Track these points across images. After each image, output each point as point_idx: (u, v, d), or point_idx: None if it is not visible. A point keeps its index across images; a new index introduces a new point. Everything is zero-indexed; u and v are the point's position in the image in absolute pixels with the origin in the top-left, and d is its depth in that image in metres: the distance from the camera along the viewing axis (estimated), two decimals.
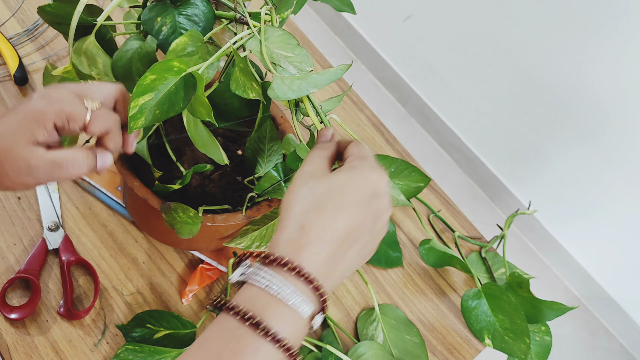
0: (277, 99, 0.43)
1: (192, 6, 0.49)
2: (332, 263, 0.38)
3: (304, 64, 0.45)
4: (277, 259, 0.37)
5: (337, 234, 0.38)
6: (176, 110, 0.42)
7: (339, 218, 0.38)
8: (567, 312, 0.73)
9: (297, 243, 0.37)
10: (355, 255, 0.40)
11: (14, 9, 0.82)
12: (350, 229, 0.39)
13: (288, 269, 0.36)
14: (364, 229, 0.40)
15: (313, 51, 0.95)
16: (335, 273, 0.38)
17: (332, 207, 0.38)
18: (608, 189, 1.63)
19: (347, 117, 0.90)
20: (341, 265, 0.39)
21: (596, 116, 1.55)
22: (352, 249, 0.39)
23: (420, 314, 0.76)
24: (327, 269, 0.38)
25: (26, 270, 0.62)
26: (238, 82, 0.45)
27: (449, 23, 1.75)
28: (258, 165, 0.62)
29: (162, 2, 0.49)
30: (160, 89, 0.41)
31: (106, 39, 0.51)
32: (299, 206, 0.39)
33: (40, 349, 0.60)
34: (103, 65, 0.50)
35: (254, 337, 0.34)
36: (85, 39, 0.49)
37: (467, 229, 0.86)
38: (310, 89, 0.43)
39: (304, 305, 0.36)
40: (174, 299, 0.67)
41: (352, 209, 0.39)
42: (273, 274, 0.36)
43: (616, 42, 1.41)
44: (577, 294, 1.88)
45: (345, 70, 0.43)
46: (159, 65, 0.42)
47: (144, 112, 0.41)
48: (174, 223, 0.55)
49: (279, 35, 0.47)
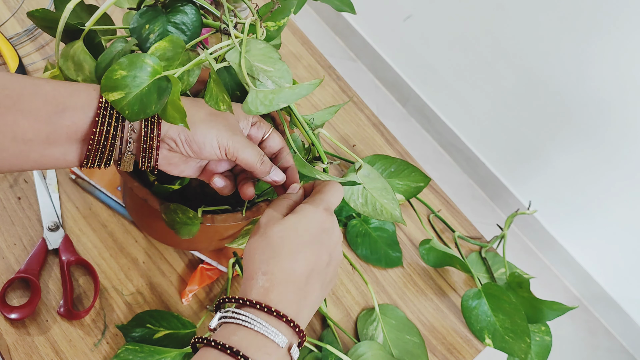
0: (250, 113, 0.43)
1: (182, 13, 0.49)
2: (300, 300, 0.42)
3: (283, 79, 0.45)
4: (249, 301, 0.41)
5: (298, 274, 0.42)
6: (147, 113, 0.41)
7: (296, 260, 0.42)
8: (567, 312, 0.73)
9: (264, 288, 0.41)
10: (320, 288, 0.44)
11: (14, 9, 0.82)
12: (308, 268, 0.43)
13: (260, 309, 0.40)
14: (321, 263, 0.44)
15: (313, 51, 0.95)
16: (305, 308, 0.42)
17: (288, 251, 0.43)
18: (608, 189, 1.63)
19: (347, 117, 0.90)
20: (309, 300, 0.43)
21: (596, 116, 1.55)
22: (316, 284, 0.43)
23: (420, 314, 0.76)
24: (297, 306, 0.42)
25: (26, 270, 0.62)
26: (212, 94, 0.45)
27: (449, 23, 1.75)
28: None
29: (153, 8, 0.49)
30: (131, 89, 0.40)
31: (94, 43, 0.51)
32: (257, 256, 0.43)
33: (40, 349, 0.60)
34: (90, 71, 0.49)
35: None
36: (73, 43, 0.49)
37: (467, 229, 0.86)
38: (281, 104, 0.43)
39: (278, 337, 0.39)
40: (174, 299, 0.67)
41: (306, 250, 0.43)
42: (248, 314, 0.40)
43: (616, 42, 1.41)
44: (577, 294, 1.88)
45: (316, 85, 0.43)
46: (129, 60, 0.40)
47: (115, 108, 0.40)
48: (174, 223, 0.55)
49: (262, 48, 0.46)
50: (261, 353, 0.39)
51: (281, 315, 0.40)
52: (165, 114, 0.42)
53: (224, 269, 0.68)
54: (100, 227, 0.69)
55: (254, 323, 0.39)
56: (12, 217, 0.66)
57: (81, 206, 0.69)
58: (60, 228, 0.66)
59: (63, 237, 0.66)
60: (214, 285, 0.69)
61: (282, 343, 0.40)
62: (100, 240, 0.68)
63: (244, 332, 0.39)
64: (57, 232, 0.66)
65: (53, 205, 0.68)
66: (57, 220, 0.67)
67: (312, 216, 0.45)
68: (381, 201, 0.55)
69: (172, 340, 0.62)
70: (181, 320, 0.63)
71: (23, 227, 0.66)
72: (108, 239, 0.68)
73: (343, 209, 0.78)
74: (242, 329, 0.40)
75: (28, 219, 0.67)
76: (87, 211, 0.69)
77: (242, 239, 0.59)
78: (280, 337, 0.40)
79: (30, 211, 0.67)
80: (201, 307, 0.67)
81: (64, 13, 0.47)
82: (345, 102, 0.79)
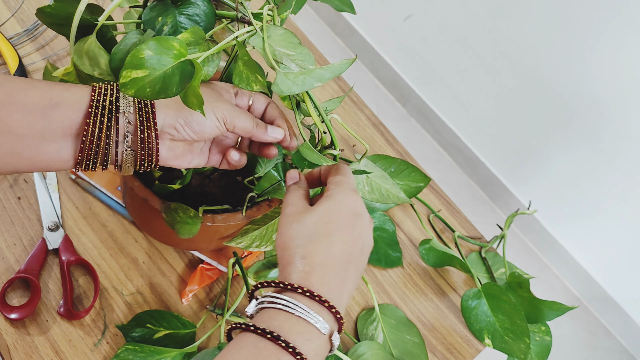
0: (282, 94, 0.43)
1: (193, 6, 0.49)
2: (339, 284, 0.41)
3: (306, 62, 0.45)
4: (290, 285, 0.39)
5: (336, 258, 0.42)
6: (168, 94, 0.41)
7: (333, 243, 0.42)
8: (567, 312, 0.73)
9: (304, 272, 0.40)
10: (355, 274, 0.43)
11: (14, 9, 0.82)
12: (345, 252, 0.42)
13: (301, 293, 0.39)
14: (356, 248, 0.44)
15: (313, 51, 0.95)
16: (344, 293, 0.42)
17: (324, 235, 0.42)
18: (608, 189, 1.63)
19: (347, 117, 0.90)
20: (347, 285, 0.42)
21: (596, 116, 1.55)
22: (352, 269, 0.43)
23: (420, 314, 0.76)
24: (337, 291, 0.41)
25: (26, 270, 0.62)
26: (241, 76, 0.45)
27: (449, 23, 1.75)
28: (258, 165, 0.62)
29: (162, 2, 0.49)
30: (156, 68, 0.40)
31: (107, 38, 0.51)
32: (294, 242, 0.42)
33: (40, 349, 0.60)
34: (105, 64, 0.49)
35: (278, 353, 0.36)
36: (86, 39, 0.49)
37: (467, 229, 0.86)
38: (315, 83, 0.43)
39: (320, 323, 0.38)
40: (174, 299, 0.67)
41: (341, 233, 0.43)
42: (288, 298, 0.39)
43: (617, 42, 1.41)
44: (577, 294, 1.88)
45: (349, 64, 0.43)
46: (158, 41, 0.40)
47: (135, 86, 0.40)
48: (174, 223, 0.55)
49: (281, 34, 0.47)
50: (302, 339, 0.37)
51: (323, 300, 0.39)
52: (185, 99, 0.43)
53: (224, 269, 0.68)
54: (100, 227, 0.69)
55: (295, 308, 0.38)
56: (12, 217, 0.66)
57: (81, 206, 0.69)
58: (60, 228, 0.66)
59: (63, 237, 0.66)
60: (214, 285, 0.69)
61: (324, 329, 0.38)
62: (100, 240, 0.68)
63: (285, 317, 0.38)
64: (57, 232, 0.66)
65: (53, 205, 0.68)
66: (57, 220, 0.67)
67: (343, 200, 0.45)
68: (385, 187, 0.55)
69: (172, 340, 0.62)
70: (181, 320, 0.63)
71: (23, 227, 0.66)
72: (108, 239, 0.68)
73: None
74: (282, 314, 0.38)
75: (28, 219, 0.67)
76: (87, 211, 0.69)
77: (241, 238, 0.59)
78: (322, 323, 0.38)
79: (30, 211, 0.67)
80: (201, 307, 0.67)
81: (79, 7, 0.47)
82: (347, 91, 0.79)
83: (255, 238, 0.59)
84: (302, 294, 0.39)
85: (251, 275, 0.69)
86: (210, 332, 0.64)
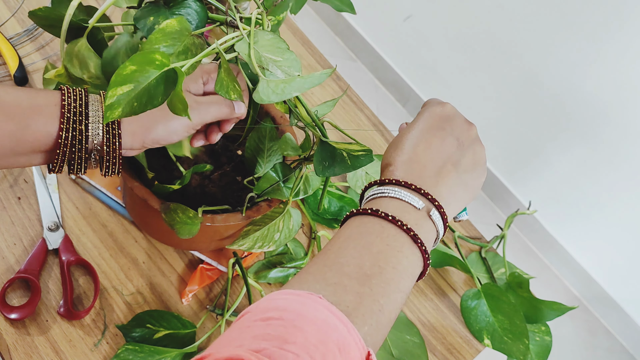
0: (261, 102, 0.44)
1: (185, 6, 0.49)
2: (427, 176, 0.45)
3: (293, 68, 0.45)
4: (380, 180, 0.46)
5: (420, 155, 0.46)
6: (154, 104, 0.42)
7: (417, 145, 0.46)
8: (567, 312, 0.73)
9: (389, 171, 0.46)
10: (455, 172, 0.46)
11: (14, 9, 0.82)
12: (432, 150, 0.46)
13: (388, 182, 0.45)
14: (447, 146, 0.47)
15: (313, 51, 0.95)
16: (440, 186, 0.45)
17: (408, 141, 0.47)
18: (608, 189, 1.63)
19: (347, 117, 0.90)
20: (442, 179, 0.45)
21: (596, 116, 1.55)
22: (447, 166, 0.46)
23: (420, 314, 0.76)
24: (423, 180, 0.45)
25: (26, 270, 0.62)
26: (222, 83, 0.45)
27: (449, 23, 1.75)
28: (258, 165, 0.62)
29: (155, 3, 0.49)
30: (140, 81, 0.41)
31: (97, 40, 0.51)
32: (386, 155, 0.48)
33: (40, 349, 0.60)
34: (94, 67, 0.49)
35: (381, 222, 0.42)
36: (77, 41, 0.49)
37: (467, 229, 0.86)
38: (293, 93, 0.44)
39: (412, 199, 0.43)
40: (174, 299, 0.67)
41: (425, 135, 0.47)
42: (381, 187, 0.45)
43: (616, 43, 1.41)
44: (577, 294, 1.88)
45: (328, 74, 0.44)
46: (140, 57, 0.41)
47: (122, 103, 0.40)
48: (174, 223, 0.55)
49: (269, 39, 0.47)
50: (400, 212, 0.42)
51: (409, 184, 0.43)
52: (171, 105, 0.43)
53: (224, 269, 0.68)
54: (100, 227, 0.69)
55: (388, 192, 0.44)
56: (12, 217, 0.67)
57: (81, 206, 0.69)
58: (60, 228, 0.66)
59: (63, 237, 0.66)
60: (214, 285, 0.69)
61: (419, 205, 0.43)
62: (100, 240, 0.68)
63: (383, 200, 0.44)
64: (57, 232, 0.66)
65: (53, 205, 0.68)
66: (57, 220, 0.67)
67: (430, 109, 0.49)
68: None
69: (172, 340, 0.62)
70: (181, 320, 0.63)
71: (23, 227, 0.66)
72: (108, 239, 0.68)
73: (344, 208, 0.78)
74: (380, 199, 0.44)
75: (28, 219, 0.67)
76: (87, 211, 0.69)
77: (243, 239, 0.59)
78: (416, 200, 0.43)
79: (30, 211, 0.67)
80: (201, 307, 0.67)
81: (69, 10, 0.47)
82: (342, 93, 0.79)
83: (257, 239, 0.59)
84: (389, 183, 0.44)
85: (251, 275, 0.69)
86: (210, 332, 0.64)
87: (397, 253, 0.40)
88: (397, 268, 0.40)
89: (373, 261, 0.39)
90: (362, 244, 0.40)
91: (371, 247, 0.40)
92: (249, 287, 0.65)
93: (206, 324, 0.66)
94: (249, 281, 0.66)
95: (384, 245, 0.40)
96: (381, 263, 0.39)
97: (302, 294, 0.36)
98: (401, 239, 0.41)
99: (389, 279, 0.39)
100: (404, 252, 0.40)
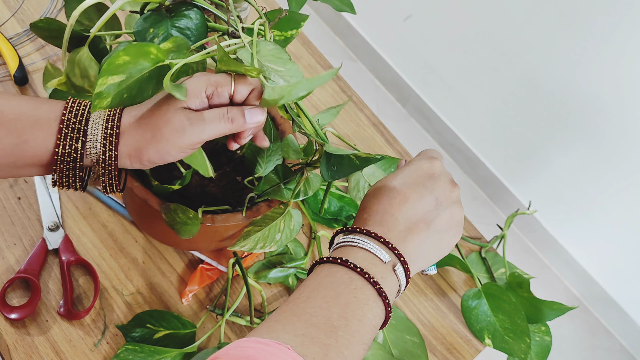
0: (268, 106, 0.44)
1: (186, 18, 0.49)
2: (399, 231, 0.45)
3: (294, 78, 0.45)
4: (352, 228, 0.46)
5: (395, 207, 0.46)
6: (144, 97, 0.42)
7: (394, 197, 0.46)
8: (567, 312, 0.73)
9: (362, 219, 0.47)
10: (426, 230, 0.46)
11: (14, 9, 0.82)
12: (409, 206, 0.46)
13: (359, 231, 0.45)
14: (424, 203, 0.46)
15: (313, 51, 0.95)
16: (408, 243, 0.45)
17: (387, 192, 0.47)
18: (608, 189, 1.63)
19: (347, 117, 0.90)
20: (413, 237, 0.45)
21: (596, 116, 1.55)
22: (420, 224, 0.46)
23: (420, 314, 0.76)
24: (394, 234, 0.45)
25: (26, 270, 0.62)
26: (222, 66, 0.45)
27: (449, 23, 1.75)
28: (258, 166, 0.62)
29: (157, 12, 0.49)
30: (132, 74, 0.40)
31: (99, 48, 0.51)
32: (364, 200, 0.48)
33: (40, 349, 0.60)
34: (95, 77, 0.49)
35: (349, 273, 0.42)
36: (78, 50, 0.49)
37: (467, 229, 0.86)
38: (300, 93, 0.43)
39: (380, 252, 0.43)
40: (174, 299, 0.67)
41: (405, 190, 0.46)
42: (351, 236, 0.45)
43: (616, 43, 1.41)
44: (577, 294, 1.88)
45: (334, 73, 0.44)
46: (135, 48, 0.40)
47: (111, 94, 0.40)
48: (174, 223, 0.55)
49: (271, 49, 0.47)
50: (367, 263, 0.43)
51: (378, 237, 0.44)
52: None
53: (224, 269, 0.68)
54: (100, 227, 0.69)
55: (357, 241, 0.44)
56: (12, 217, 0.66)
57: (81, 206, 0.69)
58: (60, 228, 0.66)
59: (63, 237, 0.66)
60: (214, 285, 0.69)
61: (385, 258, 0.43)
62: (100, 240, 0.68)
63: (352, 250, 0.44)
64: (57, 232, 0.66)
65: (53, 205, 0.68)
66: (57, 220, 0.67)
67: (418, 164, 0.48)
68: None
69: (172, 340, 0.62)
70: (181, 320, 0.63)
71: (23, 227, 0.66)
72: (108, 239, 0.68)
73: (343, 208, 0.78)
74: (350, 248, 0.44)
75: (28, 219, 0.67)
76: (87, 211, 0.69)
77: (244, 240, 0.59)
78: (382, 253, 0.43)
79: (30, 211, 0.67)
80: (201, 307, 0.67)
81: (70, 21, 0.47)
82: (345, 102, 0.79)
83: (258, 240, 0.59)
84: (360, 232, 0.45)
85: (251, 275, 0.69)
86: (210, 332, 0.64)
87: (363, 305, 0.41)
88: (362, 321, 0.40)
89: (340, 312, 0.40)
90: (330, 295, 0.41)
91: (339, 297, 0.41)
92: (249, 287, 0.65)
93: (206, 324, 0.66)
94: (249, 281, 0.66)
95: (352, 297, 0.41)
96: (348, 315, 0.40)
97: (271, 343, 0.36)
98: (367, 292, 0.42)
99: (354, 330, 0.40)
100: (369, 305, 0.41)
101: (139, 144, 0.44)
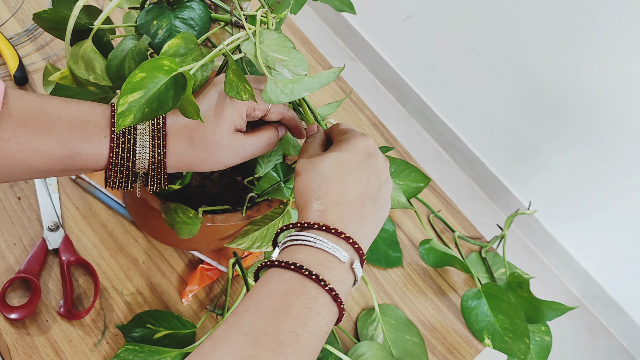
0: (270, 102, 0.44)
1: (189, 9, 0.49)
2: (356, 220, 0.44)
3: (299, 67, 0.45)
4: (307, 223, 0.43)
5: (350, 196, 0.44)
6: (165, 109, 0.42)
7: (347, 183, 0.45)
8: (567, 312, 0.73)
9: (319, 211, 0.43)
10: (373, 211, 0.46)
11: (14, 9, 0.82)
12: (359, 190, 0.45)
13: (317, 228, 0.42)
14: (371, 186, 0.46)
15: (313, 51, 0.95)
16: (362, 229, 0.44)
17: (338, 176, 0.45)
18: (608, 189, 1.63)
19: (347, 117, 0.90)
20: (365, 222, 0.44)
21: (596, 116, 1.55)
22: (369, 206, 0.45)
23: (420, 314, 0.76)
24: (353, 226, 0.43)
25: (26, 270, 0.62)
26: (232, 84, 0.45)
27: (449, 23, 1.75)
28: (258, 165, 0.62)
29: (159, 5, 0.49)
30: (150, 88, 0.41)
31: (103, 42, 0.51)
32: (310, 186, 0.45)
33: (40, 349, 0.60)
34: (101, 69, 0.50)
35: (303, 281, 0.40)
36: (82, 43, 0.49)
37: (467, 229, 0.86)
38: (303, 93, 0.44)
39: (339, 252, 0.41)
40: (174, 299, 0.67)
41: (354, 173, 0.45)
42: (308, 234, 0.42)
43: (615, 42, 1.41)
44: (577, 294, 1.88)
45: (337, 73, 0.44)
46: (149, 64, 0.42)
47: (133, 110, 0.41)
48: (174, 223, 0.55)
49: (275, 38, 0.47)
50: (323, 267, 0.40)
51: (339, 232, 0.42)
52: (182, 109, 0.44)
53: (224, 269, 0.68)
54: (100, 227, 0.69)
55: (314, 241, 0.41)
56: (12, 217, 0.67)
57: (81, 206, 0.69)
58: (60, 228, 0.66)
59: (63, 237, 0.66)
60: (214, 285, 0.69)
61: (344, 258, 0.41)
62: (100, 240, 0.68)
63: (306, 250, 0.41)
64: (57, 232, 0.66)
65: (53, 205, 0.68)
66: (57, 220, 0.67)
67: (355, 142, 0.47)
68: None
69: (172, 340, 0.62)
70: (181, 320, 0.63)
71: (23, 227, 0.66)
72: (108, 239, 0.68)
73: None
74: (304, 248, 0.42)
75: (28, 219, 0.67)
76: (87, 211, 0.69)
77: (242, 239, 0.59)
78: (341, 252, 0.41)
79: (30, 211, 0.67)
80: (201, 307, 0.67)
81: (74, 12, 0.47)
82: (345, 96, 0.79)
83: (256, 239, 0.59)
84: (318, 229, 0.42)
85: (251, 275, 0.69)
86: (210, 332, 0.64)
87: (315, 316, 0.39)
88: (314, 331, 0.39)
89: (290, 327, 0.38)
90: (281, 308, 0.39)
91: (290, 310, 0.38)
92: (249, 287, 0.65)
93: (206, 324, 0.66)
94: (249, 281, 0.66)
95: (304, 309, 0.39)
96: (298, 329, 0.38)
97: None
98: (321, 300, 0.40)
99: (305, 344, 0.38)
100: (322, 314, 0.39)
101: (194, 162, 0.48)
